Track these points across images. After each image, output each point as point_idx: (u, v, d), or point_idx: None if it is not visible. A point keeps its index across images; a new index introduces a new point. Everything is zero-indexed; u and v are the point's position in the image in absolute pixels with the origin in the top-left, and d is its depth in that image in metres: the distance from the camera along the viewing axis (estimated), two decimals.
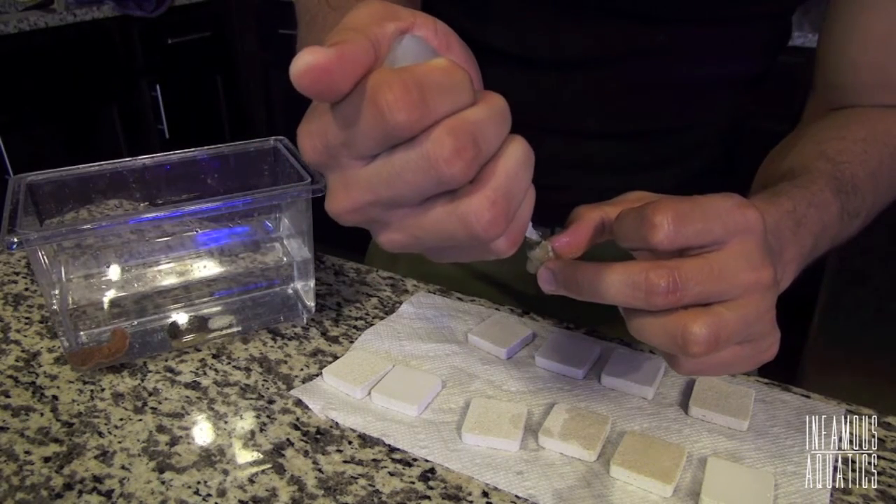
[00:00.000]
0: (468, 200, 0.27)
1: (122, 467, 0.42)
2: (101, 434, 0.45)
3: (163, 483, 0.41)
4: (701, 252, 0.34)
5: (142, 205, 0.59)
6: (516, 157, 0.28)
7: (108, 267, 0.57)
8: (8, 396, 0.48)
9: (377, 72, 0.25)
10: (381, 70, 0.25)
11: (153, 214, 0.48)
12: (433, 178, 0.26)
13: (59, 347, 0.53)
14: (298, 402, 0.48)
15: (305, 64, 0.24)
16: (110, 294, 0.55)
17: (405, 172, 0.26)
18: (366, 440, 0.44)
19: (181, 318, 0.55)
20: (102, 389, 0.49)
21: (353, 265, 0.66)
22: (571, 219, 0.39)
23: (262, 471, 0.42)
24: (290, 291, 0.59)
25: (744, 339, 0.35)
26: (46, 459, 0.43)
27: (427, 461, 0.43)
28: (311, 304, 0.57)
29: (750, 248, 0.34)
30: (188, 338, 0.54)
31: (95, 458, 0.43)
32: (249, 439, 0.44)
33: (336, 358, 0.52)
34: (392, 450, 0.43)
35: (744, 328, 0.34)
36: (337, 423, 0.46)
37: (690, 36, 0.54)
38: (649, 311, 0.34)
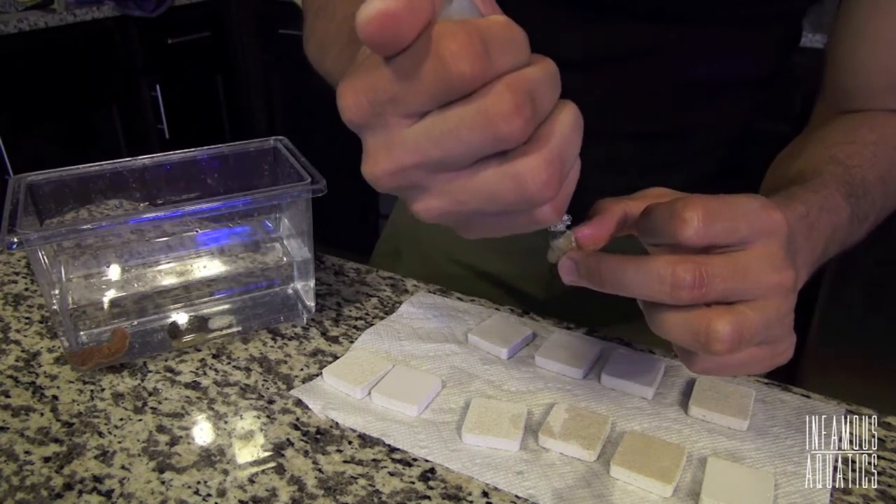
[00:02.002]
0: (524, 160, 0.26)
1: (122, 467, 0.42)
2: (101, 434, 0.45)
3: (163, 483, 0.41)
4: (726, 251, 0.34)
5: (142, 205, 0.59)
6: (569, 121, 0.28)
7: (108, 267, 0.57)
8: (8, 396, 0.48)
9: (440, 23, 0.24)
10: (444, 21, 0.24)
11: (153, 214, 0.48)
12: (490, 136, 0.25)
13: (59, 347, 0.53)
14: (298, 402, 0.48)
15: (375, 9, 0.23)
16: (110, 294, 0.55)
17: (460, 130, 0.25)
18: (366, 440, 0.44)
19: (181, 318, 0.55)
20: (102, 389, 0.49)
21: (353, 265, 0.66)
22: (594, 211, 0.39)
23: (262, 471, 0.42)
24: (290, 291, 0.59)
25: (763, 341, 0.35)
26: (46, 459, 0.43)
27: (427, 461, 0.43)
28: (311, 304, 0.57)
29: (774, 249, 0.34)
30: (188, 338, 0.54)
31: (95, 458, 0.43)
32: (249, 439, 0.44)
33: (336, 358, 0.52)
34: (392, 450, 0.43)
35: (765, 329, 0.34)
36: (337, 423, 0.46)
37: (702, 35, 0.54)
38: (672, 305, 0.34)
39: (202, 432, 0.45)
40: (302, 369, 0.51)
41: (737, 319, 0.33)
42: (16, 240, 0.44)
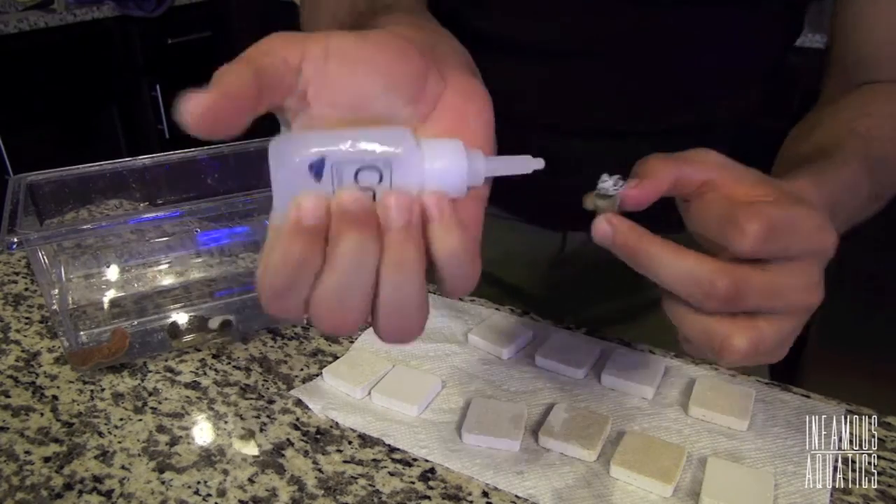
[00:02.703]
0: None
1: (122, 467, 0.42)
2: (101, 434, 0.45)
3: (163, 483, 0.41)
4: (767, 263, 0.33)
5: (142, 205, 0.59)
6: None
7: (108, 267, 0.57)
8: (8, 396, 0.48)
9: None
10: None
11: (153, 214, 0.48)
12: None
13: (59, 347, 0.53)
14: (298, 402, 0.48)
15: (195, 115, 0.24)
16: (110, 294, 0.55)
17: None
18: (366, 440, 0.44)
19: (181, 318, 0.55)
20: (102, 389, 0.49)
21: None
22: (644, 171, 0.36)
23: (262, 471, 0.42)
24: None
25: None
26: (46, 459, 0.43)
27: (427, 461, 0.43)
28: None
29: (813, 269, 0.33)
30: (188, 338, 0.54)
31: (95, 458, 0.43)
32: (249, 439, 0.44)
33: (336, 358, 0.52)
34: (392, 450, 0.43)
35: (777, 346, 0.33)
36: (337, 423, 0.46)
37: (700, 20, 0.53)
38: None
39: (202, 432, 0.45)
40: (302, 369, 0.51)
41: (754, 336, 0.32)
42: (16, 240, 0.44)
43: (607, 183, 0.34)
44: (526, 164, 0.30)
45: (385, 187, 0.26)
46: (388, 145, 0.26)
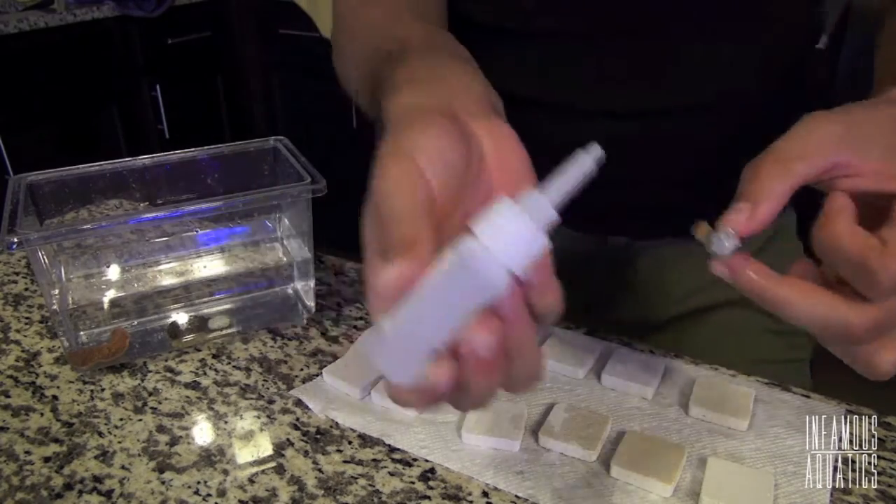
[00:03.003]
0: None
1: (122, 467, 0.42)
2: (101, 434, 0.45)
3: (163, 483, 0.41)
4: None
5: (142, 205, 0.59)
6: None
7: (108, 267, 0.57)
8: (8, 396, 0.48)
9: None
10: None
11: (153, 214, 0.48)
12: None
13: (59, 347, 0.53)
14: (298, 402, 0.48)
15: (391, 289, 0.25)
16: (110, 294, 0.55)
17: None
18: (366, 440, 0.44)
19: (181, 318, 0.55)
20: (102, 389, 0.49)
21: (353, 265, 0.66)
22: (751, 190, 0.32)
23: (262, 471, 0.42)
24: (290, 291, 0.59)
25: None
26: (46, 459, 0.43)
27: (427, 461, 0.43)
28: (311, 304, 0.57)
29: None
30: (188, 338, 0.54)
31: (95, 458, 0.43)
32: (249, 439, 0.44)
33: (336, 358, 0.52)
34: (392, 450, 0.43)
35: None
36: (337, 423, 0.46)
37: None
38: None
39: (202, 432, 0.45)
40: (302, 369, 0.51)
41: None
42: (16, 240, 0.44)
43: (721, 245, 0.32)
44: (582, 165, 0.25)
45: None
46: (475, 295, 0.25)
